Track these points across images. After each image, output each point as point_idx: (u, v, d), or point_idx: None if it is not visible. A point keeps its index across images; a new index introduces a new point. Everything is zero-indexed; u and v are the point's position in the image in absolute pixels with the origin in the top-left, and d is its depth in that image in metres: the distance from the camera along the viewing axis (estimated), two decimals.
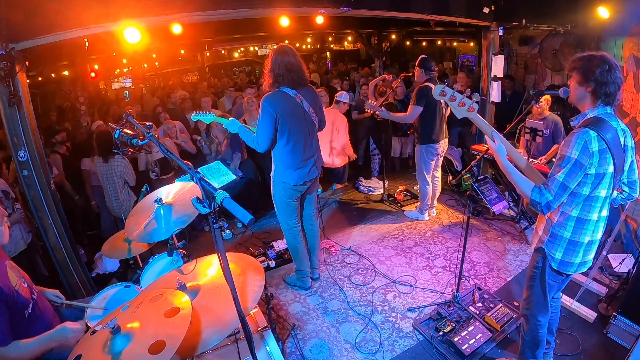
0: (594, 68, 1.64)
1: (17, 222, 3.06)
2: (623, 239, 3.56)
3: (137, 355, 1.17)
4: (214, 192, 1.15)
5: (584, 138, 1.62)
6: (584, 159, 1.62)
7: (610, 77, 1.63)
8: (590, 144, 1.62)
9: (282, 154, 2.72)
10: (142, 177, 3.94)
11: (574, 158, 1.63)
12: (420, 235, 4.01)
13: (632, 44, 3.45)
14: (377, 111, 3.95)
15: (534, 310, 2.02)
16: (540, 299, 1.98)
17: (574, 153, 1.63)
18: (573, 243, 1.80)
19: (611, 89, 1.65)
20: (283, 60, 2.54)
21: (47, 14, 2.58)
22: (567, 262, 1.83)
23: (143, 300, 1.42)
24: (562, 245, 1.82)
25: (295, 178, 2.77)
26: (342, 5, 3.64)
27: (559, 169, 1.66)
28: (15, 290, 1.58)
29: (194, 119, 3.01)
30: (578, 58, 1.72)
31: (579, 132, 1.65)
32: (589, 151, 1.62)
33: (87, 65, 8.76)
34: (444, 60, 11.39)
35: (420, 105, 3.72)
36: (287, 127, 2.60)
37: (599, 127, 1.64)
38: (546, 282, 1.93)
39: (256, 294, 1.58)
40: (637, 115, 3.41)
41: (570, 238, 1.80)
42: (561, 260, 1.84)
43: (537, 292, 1.98)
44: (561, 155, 1.68)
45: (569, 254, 1.82)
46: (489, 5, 4.47)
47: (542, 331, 2.07)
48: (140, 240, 1.83)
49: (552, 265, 1.87)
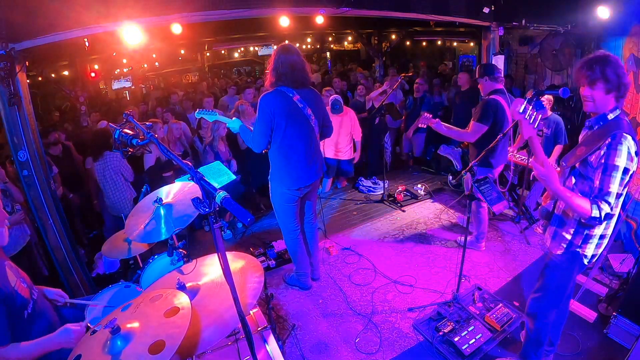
0: (620, 73, 1.64)
1: (17, 223, 3.06)
2: (623, 239, 3.56)
3: (137, 355, 1.17)
4: (213, 192, 1.15)
5: (626, 144, 1.62)
6: (630, 165, 1.63)
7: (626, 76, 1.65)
8: (632, 149, 1.63)
9: (278, 156, 2.67)
10: (149, 173, 3.96)
11: (622, 166, 1.62)
12: (420, 235, 4.01)
13: (632, 44, 3.45)
14: (432, 124, 3.17)
15: (546, 308, 2.04)
16: (559, 296, 2.00)
17: (621, 162, 1.61)
18: (602, 237, 1.84)
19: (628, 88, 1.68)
20: (287, 59, 2.49)
21: (47, 14, 2.59)
22: (595, 254, 1.88)
23: (143, 300, 1.43)
24: (594, 242, 1.85)
25: (291, 181, 2.70)
26: (342, 5, 3.64)
27: (609, 180, 1.62)
28: (15, 290, 1.58)
29: (197, 116, 3.00)
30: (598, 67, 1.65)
31: (619, 137, 1.63)
32: (632, 155, 1.63)
33: (87, 65, 8.77)
34: (444, 60, 11.39)
35: (486, 124, 3.07)
36: (283, 128, 2.55)
37: (629, 129, 1.65)
38: (573, 280, 1.96)
39: (256, 290, 1.58)
40: (637, 115, 3.41)
41: (602, 233, 1.83)
42: (592, 254, 1.88)
43: (557, 290, 1.99)
44: (607, 164, 1.64)
45: (598, 247, 1.87)
46: (489, 5, 4.47)
47: (547, 330, 2.08)
48: (140, 240, 1.83)
49: (584, 262, 1.89)
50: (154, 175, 3.95)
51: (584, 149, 1.76)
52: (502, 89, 3.16)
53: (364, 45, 10.38)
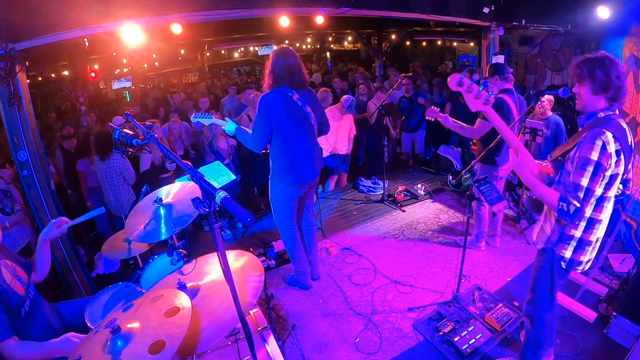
0: (611, 74, 1.60)
1: (18, 223, 3.06)
2: (623, 239, 3.56)
3: (137, 356, 1.17)
4: (213, 192, 1.15)
5: (602, 139, 1.58)
6: (604, 160, 1.58)
7: (622, 77, 1.62)
8: (609, 145, 1.58)
9: (280, 154, 2.69)
10: (143, 177, 3.96)
11: (595, 160, 1.58)
12: (420, 235, 4.00)
13: (632, 44, 3.45)
14: (440, 117, 3.24)
15: (541, 311, 2.03)
16: (546, 298, 1.98)
17: (594, 155, 1.58)
18: (583, 242, 1.79)
19: (623, 91, 1.64)
20: (284, 62, 2.52)
21: (47, 14, 2.59)
22: (576, 260, 1.83)
23: (143, 300, 1.43)
24: (572, 245, 1.81)
25: (294, 179, 2.74)
26: (342, 5, 3.64)
27: (581, 173, 1.60)
28: (10, 288, 1.60)
29: (193, 120, 3.01)
30: (585, 66, 1.66)
31: (595, 132, 1.60)
32: (608, 152, 1.58)
33: (87, 65, 8.77)
34: (444, 60, 11.40)
35: None
36: (284, 127, 2.57)
37: (614, 127, 1.61)
38: (555, 282, 1.92)
39: (256, 290, 1.58)
40: (637, 115, 3.41)
41: (581, 237, 1.79)
42: (570, 259, 1.83)
43: (543, 292, 1.98)
44: (580, 157, 1.62)
45: (579, 253, 1.82)
46: (489, 5, 4.47)
47: (546, 331, 2.08)
48: (140, 240, 1.83)
49: (562, 265, 1.87)
50: (149, 178, 3.95)
51: (568, 145, 1.76)
52: (511, 89, 3.18)
53: (364, 45, 10.38)
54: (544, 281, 1.95)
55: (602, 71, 1.62)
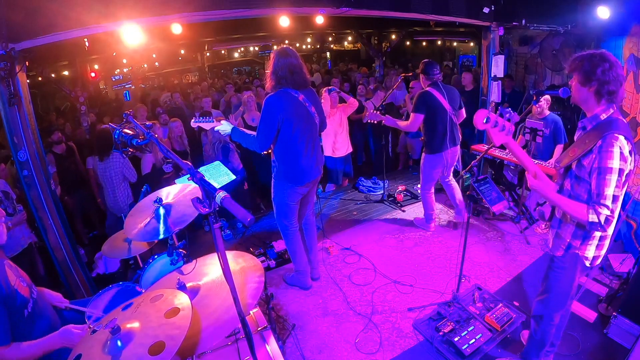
0: (595, 67, 1.63)
1: (19, 224, 3.06)
2: (623, 239, 3.56)
3: (137, 356, 1.17)
4: (213, 192, 1.15)
5: (618, 145, 1.60)
6: (623, 165, 1.61)
7: (611, 75, 1.62)
8: (624, 149, 1.61)
9: (286, 154, 2.69)
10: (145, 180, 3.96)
11: (617, 168, 1.60)
12: (420, 235, 4.00)
13: (632, 44, 3.44)
14: (383, 120, 3.73)
15: (553, 310, 2.04)
16: (563, 298, 2.00)
17: (615, 163, 1.60)
18: (603, 238, 1.84)
19: (613, 87, 1.64)
20: (286, 62, 2.53)
21: (47, 14, 2.58)
22: (597, 256, 1.88)
23: (143, 300, 1.43)
24: (593, 243, 1.84)
25: (299, 178, 2.75)
26: (342, 5, 3.64)
27: (605, 183, 1.61)
28: (15, 290, 1.58)
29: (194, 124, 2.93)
30: (577, 58, 1.71)
31: (608, 140, 1.62)
32: (625, 156, 1.61)
33: (87, 65, 8.77)
34: (444, 60, 11.40)
35: (421, 113, 3.50)
36: (291, 127, 2.58)
37: (622, 128, 1.64)
38: (576, 280, 1.94)
39: (256, 290, 1.58)
40: (637, 115, 3.40)
41: (601, 234, 1.83)
42: (593, 257, 1.87)
43: (562, 291, 1.99)
44: (600, 168, 1.63)
45: (599, 248, 1.86)
46: (489, 5, 4.47)
47: (552, 331, 2.09)
48: (139, 238, 1.84)
49: (586, 263, 1.88)
50: (150, 181, 3.95)
51: (577, 151, 1.75)
52: (437, 83, 3.57)
53: (364, 45, 10.38)
54: (563, 281, 1.96)
55: (591, 63, 1.65)
